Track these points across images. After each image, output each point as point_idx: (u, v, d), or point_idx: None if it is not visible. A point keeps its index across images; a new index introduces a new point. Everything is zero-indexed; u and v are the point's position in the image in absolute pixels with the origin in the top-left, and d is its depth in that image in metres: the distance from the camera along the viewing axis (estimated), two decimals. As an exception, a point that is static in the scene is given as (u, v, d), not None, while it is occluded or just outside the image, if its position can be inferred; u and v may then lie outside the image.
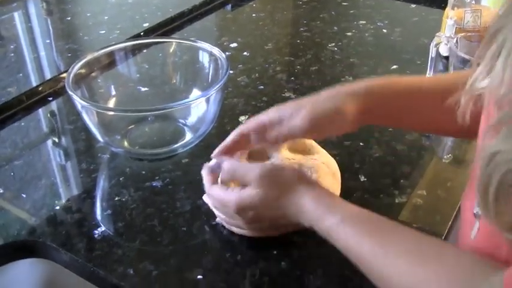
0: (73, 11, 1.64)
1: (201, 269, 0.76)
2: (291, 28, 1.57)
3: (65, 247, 0.81)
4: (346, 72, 1.28)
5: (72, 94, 0.91)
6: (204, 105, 0.97)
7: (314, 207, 0.69)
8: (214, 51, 1.04)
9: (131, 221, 0.85)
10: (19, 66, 1.31)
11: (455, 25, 1.23)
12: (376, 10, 1.65)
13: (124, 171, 0.97)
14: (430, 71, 1.21)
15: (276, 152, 0.85)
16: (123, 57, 1.11)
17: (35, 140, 1.08)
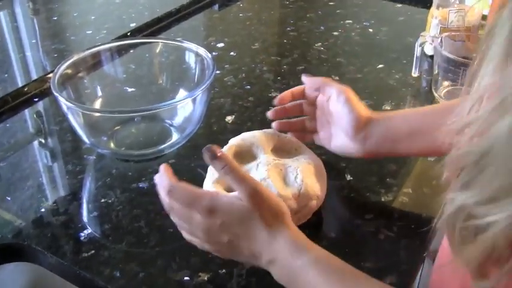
0: (60, 11, 1.63)
1: (188, 270, 0.76)
2: (278, 28, 1.58)
3: (50, 250, 0.81)
4: (332, 72, 1.28)
5: (58, 95, 0.91)
6: (190, 105, 0.97)
7: (290, 242, 0.67)
8: (200, 52, 1.04)
9: (118, 223, 0.85)
10: (5, 66, 1.30)
11: (439, 25, 1.23)
12: (363, 9, 1.65)
13: (110, 172, 0.97)
14: (416, 70, 1.22)
15: (262, 153, 0.86)
16: (109, 58, 1.11)
17: (20, 141, 1.07)
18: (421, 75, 1.24)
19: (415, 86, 1.22)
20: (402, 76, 1.25)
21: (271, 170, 0.82)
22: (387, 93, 1.18)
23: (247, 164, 0.85)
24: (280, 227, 0.68)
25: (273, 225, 0.67)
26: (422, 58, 1.23)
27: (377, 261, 0.78)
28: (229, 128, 1.06)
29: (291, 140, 0.90)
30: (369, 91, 1.19)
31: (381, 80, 1.24)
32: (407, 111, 0.88)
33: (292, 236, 0.68)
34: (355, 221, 0.86)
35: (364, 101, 1.13)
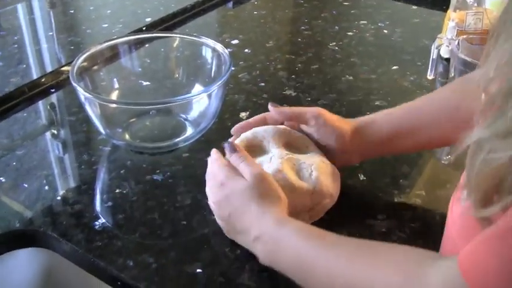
0: (76, 4, 1.64)
1: (200, 263, 0.77)
2: (292, 26, 1.58)
3: (65, 237, 0.82)
4: (346, 72, 1.28)
5: (76, 86, 0.91)
6: (205, 100, 0.98)
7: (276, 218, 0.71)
8: (217, 47, 1.05)
9: (131, 214, 0.86)
10: (21, 58, 1.31)
11: (456, 27, 1.23)
12: (377, 10, 1.66)
13: (125, 164, 0.98)
14: (431, 72, 1.22)
15: (275, 147, 0.86)
16: (126, 51, 1.12)
17: (36, 131, 1.08)
18: (436, 78, 1.24)
19: (430, 88, 1.22)
20: (417, 78, 1.25)
21: (285, 163, 0.82)
22: (401, 95, 1.18)
23: (258, 157, 0.85)
24: (272, 207, 0.73)
25: (265, 205, 0.72)
26: (438, 61, 1.23)
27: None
28: (243, 124, 1.07)
29: (302, 137, 0.90)
30: (383, 92, 1.19)
31: (395, 81, 1.25)
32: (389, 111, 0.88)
33: (280, 214, 0.72)
34: (368, 221, 0.86)
35: (378, 102, 1.14)
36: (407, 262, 0.60)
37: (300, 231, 0.70)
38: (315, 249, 0.67)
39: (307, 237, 0.69)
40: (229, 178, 0.76)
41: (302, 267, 0.68)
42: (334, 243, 0.68)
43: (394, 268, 0.60)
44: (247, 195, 0.74)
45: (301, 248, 0.68)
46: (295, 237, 0.69)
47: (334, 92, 1.19)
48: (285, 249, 0.69)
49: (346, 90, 1.21)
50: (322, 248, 0.67)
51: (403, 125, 0.85)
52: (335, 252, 0.66)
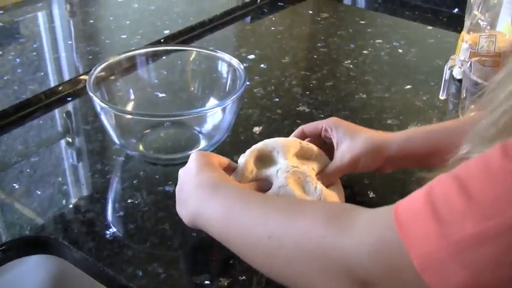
0: (96, 14, 1.67)
1: (208, 274, 0.78)
2: (308, 43, 1.59)
3: (76, 245, 0.83)
4: (360, 89, 1.29)
5: (93, 95, 0.93)
6: (220, 114, 0.99)
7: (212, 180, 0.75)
8: (233, 62, 1.06)
9: (142, 224, 0.87)
10: (40, 65, 1.33)
11: (469, 49, 1.24)
12: (393, 30, 1.67)
13: (138, 174, 0.99)
14: (443, 92, 1.22)
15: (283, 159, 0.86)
16: (143, 63, 1.13)
17: (51, 139, 1.10)
18: (449, 98, 1.25)
19: (442, 108, 1.23)
20: (429, 98, 1.26)
21: (290, 177, 0.83)
22: (413, 114, 1.19)
23: (268, 169, 0.86)
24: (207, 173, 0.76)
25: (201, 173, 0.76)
26: (451, 81, 1.24)
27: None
28: (256, 139, 1.08)
29: (312, 147, 0.90)
30: (396, 111, 1.20)
31: (408, 100, 1.25)
32: (426, 129, 0.89)
33: (214, 179, 0.75)
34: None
35: (390, 120, 1.15)
36: (332, 209, 0.63)
37: (234, 189, 0.73)
38: (243, 203, 0.69)
39: (239, 194, 0.71)
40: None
41: (226, 222, 0.70)
42: (262, 199, 0.71)
43: (315, 215, 0.62)
44: (186, 172, 0.79)
45: (230, 203, 0.70)
46: (227, 194, 0.72)
47: (348, 110, 1.20)
48: (214, 205, 0.71)
49: (360, 107, 1.22)
50: (249, 202, 0.69)
51: (439, 144, 0.85)
52: (261, 206, 0.68)
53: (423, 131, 0.88)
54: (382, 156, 0.86)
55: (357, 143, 0.86)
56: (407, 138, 0.87)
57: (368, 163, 0.86)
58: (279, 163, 0.86)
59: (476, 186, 0.47)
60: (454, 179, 0.50)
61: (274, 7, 1.81)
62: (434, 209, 0.49)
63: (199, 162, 0.78)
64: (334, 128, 0.89)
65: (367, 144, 0.85)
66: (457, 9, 1.78)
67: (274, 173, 0.84)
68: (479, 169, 0.48)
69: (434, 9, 1.82)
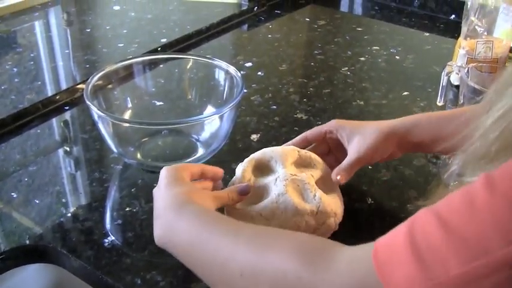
0: (93, 23, 1.67)
1: (207, 282, 0.78)
2: (305, 50, 1.60)
3: (74, 254, 0.83)
4: (357, 96, 1.30)
5: (90, 104, 0.93)
6: (217, 122, 0.99)
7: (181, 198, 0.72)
8: (230, 70, 1.06)
9: (141, 232, 0.87)
10: (37, 74, 1.33)
11: (467, 55, 1.25)
12: (390, 36, 1.67)
13: (136, 182, 0.99)
14: (441, 99, 1.22)
15: (281, 167, 0.87)
16: (140, 71, 1.13)
17: (49, 148, 1.10)
18: (446, 104, 1.25)
19: (439, 114, 1.23)
20: (427, 104, 1.26)
21: (289, 185, 0.83)
22: (411, 120, 1.19)
23: (266, 177, 0.86)
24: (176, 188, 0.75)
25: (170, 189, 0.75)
26: (448, 87, 1.24)
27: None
28: (254, 146, 1.08)
29: (310, 155, 0.91)
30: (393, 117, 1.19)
31: (406, 107, 1.26)
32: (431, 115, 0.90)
33: (182, 196, 0.73)
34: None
35: (388, 126, 1.15)
36: (309, 246, 0.59)
37: (199, 213, 0.70)
38: (209, 231, 0.66)
39: (204, 220, 0.69)
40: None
41: (193, 250, 0.67)
42: (230, 228, 0.67)
43: (291, 252, 0.58)
44: (156, 191, 0.77)
45: (195, 230, 0.68)
46: (192, 219, 0.69)
47: (345, 116, 1.19)
48: (179, 230, 0.69)
49: (357, 114, 1.22)
50: (216, 230, 0.66)
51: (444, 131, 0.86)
52: (229, 237, 0.65)
53: (428, 117, 0.90)
54: (393, 141, 0.88)
55: (368, 135, 0.87)
56: (414, 123, 0.89)
57: (382, 151, 0.88)
58: (277, 172, 0.86)
59: (459, 224, 0.45)
60: (435, 215, 0.47)
61: (271, 15, 1.82)
62: (415, 249, 0.47)
63: (167, 179, 0.76)
64: (339, 128, 0.90)
65: (378, 134, 0.87)
66: (454, 16, 1.78)
67: (273, 182, 0.84)
68: (463, 204, 0.46)
69: (431, 15, 1.83)
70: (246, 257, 0.61)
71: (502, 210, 0.44)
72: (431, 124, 0.88)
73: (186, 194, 0.73)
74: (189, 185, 0.76)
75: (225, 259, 0.63)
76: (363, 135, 0.88)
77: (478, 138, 0.53)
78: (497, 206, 0.44)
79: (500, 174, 0.46)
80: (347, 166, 0.87)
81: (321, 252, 0.56)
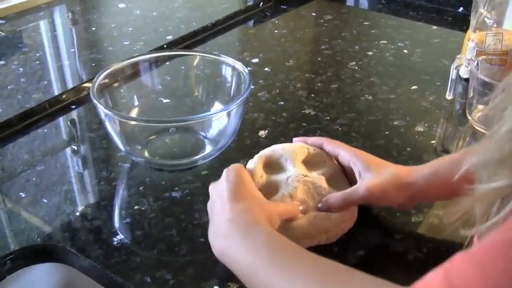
0: (98, 22, 1.66)
1: (217, 280, 0.77)
2: (312, 46, 1.59)
3: (84, 253, 0.82)
4: (365, 91, 1.29)
5: (97, 103, 0.92)
6: (225, 118, 0.99)
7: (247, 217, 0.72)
8: (237, 66, 1.06)
9: (150, 230, 0.87)
10: (43, 74, 1.33)
11: (476, 48, 1.23)
12: (398, 30, 1.66)
13: (144, 180, 0.98)
14: (450, 92, 1.21)
15: (292, 166, 0.86)
16: (146, 69, 1.13)
17: (56, 147, 1.09)
18: (455, 98, 1.24)
19: (449, 108, 1.22)
20: (436, 98, 1.25)
21: (299, 187, 0.83)
22: (420, 115, 1.18)
23: (277, 175, 0.85)
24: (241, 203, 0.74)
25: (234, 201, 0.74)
26: (457, 81, 1.23)
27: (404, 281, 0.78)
28: (262, 143, 1.07)
29: (319, 152, 0.90)
30: (402, 112, 1.19)
31: (414, 101, 1.25)
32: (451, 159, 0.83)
33: (249, 215, 0.72)
34: (385, 240, 0.86)
35: (396, 121, 1.14)
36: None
37: (265, 237, 0.69)
38: (269, 260, 0.66)
39: (269, 245, 0.67)
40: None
41: (251, 273, 0.67)
42: (290, 258, 0.66)
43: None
44: (219, 195, 0.77)
45: (258, 255, 0.67)
46: (258, 244, 0.68)
47: (353, 112, 1.19)
48: (242, 250, 0.69)
49: (365, 109, 1.21)
50: (275, 259, 0.65)
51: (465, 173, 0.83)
52: (288, 268, 0.64)
53: (448, 162, 0.83)
54: (408, 192, 0.82)
55: (383, 177, 0.82)
56: (433, 172, 0.82)
57: (390, 197, 0.83)
58: (288, 170, 0.85)
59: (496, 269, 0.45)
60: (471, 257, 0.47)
61: (277, 10, 1.81)
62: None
63: (233, 184, 0.76)
64: (355, 158, 0.86)
65: (392, 180, 0.82)
66: (462, 8, 1.77)
67: (284, 181, 0.84)
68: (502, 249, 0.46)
69: (438, 8, 1.82)
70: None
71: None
72: (451, 168, 0.80)
73: (253, 212, 0.72)
74: (253, 198, 0.76)
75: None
76: (379, 175, 0.83)
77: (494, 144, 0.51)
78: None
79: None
80: (344, 197, 0.82)
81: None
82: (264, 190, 0.83)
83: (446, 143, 1.14)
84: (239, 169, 0.79)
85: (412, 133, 1.12)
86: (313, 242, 0.81)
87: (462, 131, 1.16)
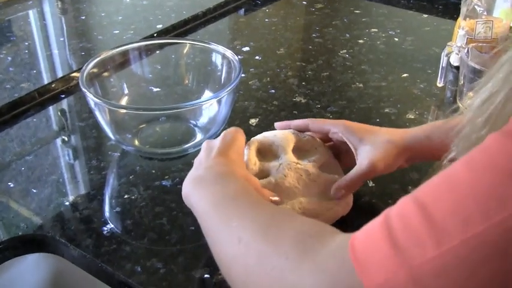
0: (87, 11, 1.65)
1: (208, 268, 0.77)
2: (303, 34, 1.58)
3: (73, 242, 0.82)
4: (356, 79, 1.28)
5: (86, 91, 0.92)
6: (215, 106, 0.98)
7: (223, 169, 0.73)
8: (227, 54, 1.05)
9: (140, 219, 0.86)
10: (32, 63, 1.32)
11: (466, 35, 1.23)
12: (389, 18, 1.66)
13: (134, 169, 0.98)
14: (441, 80, 1.21)
15: (284, 153, 0.86)
16: (136, 57, 1.12)
17: (46, 137, 1.09)
18: (446, 85, 1.24)
19: (440, 96, 1.22)
20: (427, 86, 1.25)
21: (289, 174, 0.82)
22: (411, 102, 1.18)
23: (270, 162, 0.85)
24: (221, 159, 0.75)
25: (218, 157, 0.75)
26: (448, 68, 1.23)
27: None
28: (253, 131, 1.07)
29: (311, 139, 0.89)
30: (393, 99, 1.19)
31: (405, 89, 1.24)
32: (445, 126, 0.82)
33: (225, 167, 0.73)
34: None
35: (387, 109, 1.14)
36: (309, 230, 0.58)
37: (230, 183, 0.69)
38: (229, 200, 0.66)
39: (230, 190, 0.68)
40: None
41: (208, 215, 0.67)
42: (253, 201, 0.66)
43: (289, 232, 0.57)
44: (210, 146, 0.78)
45: (219, 197, 0.67)
46: (220, 187, 0.69)
47: (344, 99, 1.19)
48: (208, 189, 0.69)
49: (356, 97, 1.20)
50: (236, 201, 0.66)
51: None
52: (244, 209, 0.64)
53: (441, 128, 0.83)
54: (404, 156, 0.83)
55: (378, 148, 0.82)
56: (427, 136, 0.83)
57: (392, 165, 0.83)
58: (281, 158, 0.85)
59: (437, 204, 0.44)
60: (413, 200, 0.46)
61: (268, -1, 1.80)
62: (391, 235, 0.45)
63: (225, 144, 0.77)
64: (347, 133, 0.85)
65: (389, 148, 0.82)
66: (452, -3, 1.77)
67: (276, 167, 0.83)
68: (441, 185, 0.45)
69: (429, -3, 1.82)
70: (251, 228, 0.60)
71: (481, 184, 0.42)
72: (445, 134, 0.81)
73: (233, 168, 0.73)
74: (239, 160, 0.77)
75: (232, 226, 0.62)
76: (374, 145, 0.82)
77: (467, 123, 0.52)
78: (476, 180, 0.43)
79: (478, 150, 0.45)
80: (353, 179, 0.82)
81: (314, 237, 0.55)
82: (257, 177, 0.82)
83: (437, 130, 1.14)
84: (237, 134, 0.79)
85: (403, 120, 1.12)
86: None
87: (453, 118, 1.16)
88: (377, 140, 0.83)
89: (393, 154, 0.82)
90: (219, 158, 0.74)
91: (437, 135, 0.83)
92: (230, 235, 0.61)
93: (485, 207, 0.41)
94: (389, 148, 0.82)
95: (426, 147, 0.83)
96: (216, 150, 0.76)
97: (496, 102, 0.48)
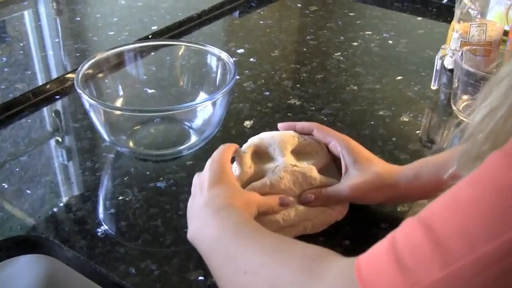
0: (83, 12, 1.65)
1: (202, 270, 0.77)
2: (297, 36, 1.58)
3: (67, 244, 0.82)
4: (351, 81, 1.29)
5: (81, 92, 0.92)
6: (210, 108, 0.98)
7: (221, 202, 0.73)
8: (222, 56, 1.05)
9: (134, 221, 0.86)
10: (27, 64, 1.32)
11: (460, 38, 1.24)
12: (383, 21, 1.66)
13: (128, 171, 0.98)
14: (435, 82, 1.22)
15: (280, 156, 0.85)
16: (131, 59, 1.12)
17: (40, 138, 1.09)
18: (440, 88, 1.25)
19: (434, 98, 1.22)
20: (421, 88, 1.25)
21: (285, 177, 0.82)
22: (405, 105, 1.19)
23: (266, 165, 0.85)
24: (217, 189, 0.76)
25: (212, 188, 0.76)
26: (442, 71, 1.23)
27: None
28: (247, 133, 1.07)
29: (312, 142, 0.88)
30: (387, 102, 1.19)
31: (400, 91, 1.25)
32: (435, 161, 0.82)
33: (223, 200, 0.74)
34: (371, 229, 0.86)
35: (382, 111, 1.14)
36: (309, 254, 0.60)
37: (234, 215, 0.71)
38: (232, 233, 0.68)
39: (231, 223, 0.69)
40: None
41: (215, 246, 0.68)
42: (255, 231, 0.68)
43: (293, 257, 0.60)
44: (200, 184, 0.78)
45: (224, 228, 0.69)
46: (226, 219, 0.70)
47: (339, 102, 1.19)
48: (211, 226, 0.70)
49: (351, 99, 1.21)
50: (236, 233, 0.67)
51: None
52: (246, 241, 0.66)
53: (432, 165, 0.82)
54: (388, 193, 0.83)
55: (364, 176, 0.82)
56: (415, 175, 0.82)
57: (374, 198, 0.84)
58: (277, 160, 0.85)
59: (442, 224, 0.44)
60: (418, 221, 0.46)
61: (263, 1, 1.80)
62: (397, 257, 0.46)
63: (214, 174, 0.77)
64: (344, 150, 0.85)
65: (373, 180, 0.81)
66: (446, 0, 1.77)
67: (271, 169, 0.83)
68: (446, 205, 0.46)
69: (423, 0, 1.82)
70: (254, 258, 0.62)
71: (485, 203, 0.43)
72: (435, 172, 0.80)
73: (228, 197, 0.74)
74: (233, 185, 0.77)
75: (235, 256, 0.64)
76: (362, 172, 0.82)
77: (467, 138, 0.51)
78: (480, 200, 0.43)
79: (481, 170, 0.45)
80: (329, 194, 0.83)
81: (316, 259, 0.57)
82: (252, 180, 0.82)
83: (431, 132, 1.14)
84: (222, 157, 0.80)
85: (398, 123, 1.12)
86: (298, 230, 0.81)
87: (447, 120, 1.17)
88: (367, 169, 0.83)
89: (376, 187, 0.82)
90: (212, 191, 0.75)
91: (426, 172, 0.82)
92: (236, 268, 0.63)
93: (490, 228, 0.41)
94: (373, 180, 0.82)
95: (412, 187, 0.82)
96: (207, 183, 0.76)
97: (497, 118, 0.47)
